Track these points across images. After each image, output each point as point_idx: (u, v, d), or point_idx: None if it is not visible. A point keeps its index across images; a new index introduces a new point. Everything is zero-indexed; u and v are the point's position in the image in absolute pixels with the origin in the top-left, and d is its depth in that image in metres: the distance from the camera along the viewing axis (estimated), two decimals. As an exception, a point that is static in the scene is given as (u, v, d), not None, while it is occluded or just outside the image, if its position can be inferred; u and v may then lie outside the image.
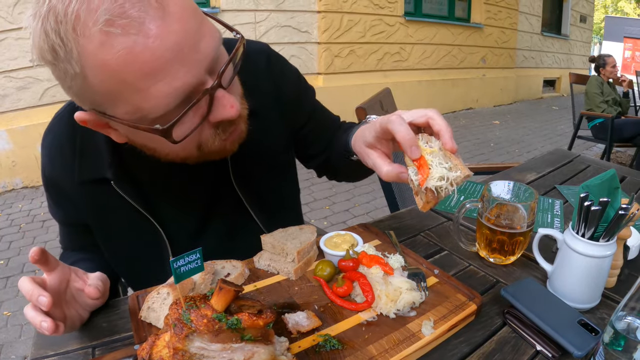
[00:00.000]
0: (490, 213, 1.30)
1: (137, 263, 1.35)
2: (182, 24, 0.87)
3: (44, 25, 0.83)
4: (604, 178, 1.19)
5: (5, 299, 3.64)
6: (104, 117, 0.95)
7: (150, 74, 0.85)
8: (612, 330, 0.85)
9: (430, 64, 10.50)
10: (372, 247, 1.25)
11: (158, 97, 0.88)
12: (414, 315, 1.05)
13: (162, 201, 1.33)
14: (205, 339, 0.78)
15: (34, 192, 5.95)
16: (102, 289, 1.06)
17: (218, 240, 1.38)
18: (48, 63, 0.89)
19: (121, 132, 1.03)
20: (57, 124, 1.29)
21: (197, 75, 0.91)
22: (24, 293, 0.95)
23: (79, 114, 0.99)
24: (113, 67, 0.83)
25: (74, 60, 0.84)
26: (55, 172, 1.28)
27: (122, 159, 1.24)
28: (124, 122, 0.93)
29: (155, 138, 0.97)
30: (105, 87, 0.87)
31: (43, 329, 0.90)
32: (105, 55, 0.82)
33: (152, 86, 0.87)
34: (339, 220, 4.94)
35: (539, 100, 14.01)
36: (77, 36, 0.81)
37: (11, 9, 5.57)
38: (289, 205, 1.61)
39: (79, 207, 1.29)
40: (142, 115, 0.91)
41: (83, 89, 0.89)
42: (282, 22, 7.94)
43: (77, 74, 0.86)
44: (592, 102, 6.66)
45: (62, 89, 0.95)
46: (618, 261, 1.22)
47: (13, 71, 5.79)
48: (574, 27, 15.46)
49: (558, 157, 2.38)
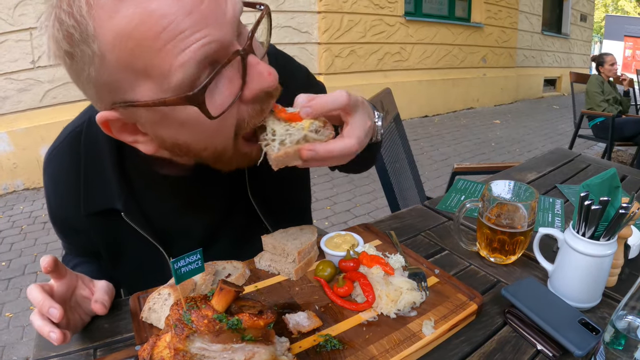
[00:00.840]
0: (491, 213, 1.30)
1: (139, 278, 1.32)
2: None
3: (57, 15, 0.80)
4: (605, 177, 1.19)
5: (7, 301, 3.65)
6: (128, 108, 0.88)
7: (167, 30, 0.78)
8: (612, 330, 0.85)
9: (431, 64, 10.50)
10: (373, 247, 1.25)
11: (182, 55, 0.80)
12: (415, 315, 1.05)
13: (171, 223, 1.29)
14: (206, 339, 0.78)
15: (35, 193, 5.96)
16: (108, 304, 1.05)
17: (226, 250, 1.35)
18: (65, 55, 0.83)
19: (149, 131, 0.95)
20: (57, 155, 1.23)
21: (223, 31, 0.84)
22: (32, 302, 0.95)
23: (100, 114, 0.91)
24: (127, 33, 0.77)
25: (91, 38, 0.79)
26: (61, 205, 1.25)
27: (132, 187, 1.21)
28: (150, 103, 0.85)
29: (187, 122, 0.89)
30: (124, 62, 0.80)
31: (51, 339, 0.90)
32: (119, 20, 0.77)
33: (171, 42, 0.79)
34: (340, 220, 4.95)
35: (539, 99, 14.01)
36: (90, 8, 0.77)
37: (12, 11, 5.58)
38: (302, 213, 1.60)
39: (87, 236, 1.26)
40: (168, 88, 0.83)
41: (102, 73, 0.83)
42: (282, 22, 7.95)
43: (95, 54, 0.80)
44: (593, 101, 6.66)
45: (80, 88, 0.91)
46: (619, 260, 1.22)
47: (14, 73, 5.80)
48: (574, 26, 15.47)
49: (559, 156, 2.38)
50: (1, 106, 5.83)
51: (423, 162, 6.98)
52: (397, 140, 2.81)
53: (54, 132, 1.26)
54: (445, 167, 6.81)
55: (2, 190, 5.95)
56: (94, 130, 1.14)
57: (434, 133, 9.02)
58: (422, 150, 7.66)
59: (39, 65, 5.93)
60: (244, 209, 1.35)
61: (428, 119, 10.27)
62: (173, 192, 1.24)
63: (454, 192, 1.89)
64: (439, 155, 7.50)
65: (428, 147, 7.93)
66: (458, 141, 8.44)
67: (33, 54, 5.86)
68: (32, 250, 4.46)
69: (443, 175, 6.39)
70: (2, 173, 5.90)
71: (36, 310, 0.95)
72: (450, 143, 8.29)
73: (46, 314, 0.92)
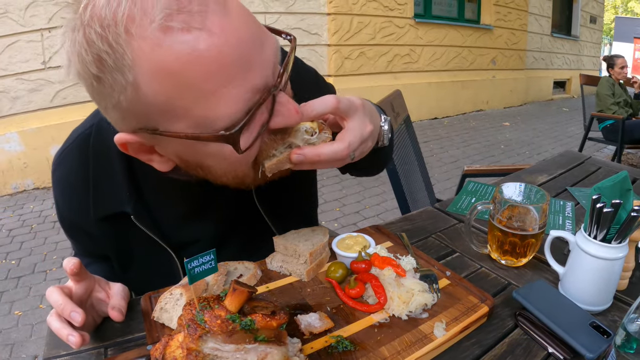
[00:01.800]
0: (502, 215, 1.30)
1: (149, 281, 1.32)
2: (245, 21, 0.82)
3: (87, 34, 0.76)
4: (616, 180, 1.19)
5: (16, 299, 3.67)
6: (155, 136, 0.86)
7: (217, 74, 0.77)
8: (624, 333, 0.85)
9: (440, 66, 10.49)
10: (384, 249, 1.25)
11: (227, 101, 0.80)
12: (426, 317, 1.05)
13: (180, 227, 1.29)
14: (218, 339, 0.78)
15: (45, 193, 5.99)
16: (125, 310, 1.05)
17: (234, 255, 1.33)
18: (93, 78, 0.79)
19: (170, 154, 0.95)
20: (66, 158, 1.22)
21: (264, 76, 0.84)
22: (53, 304, 0.95)
23: (120, 136, 0.89)
24: (173, 70, 0.75)
25: (127, 67, 0.76)
26: (70, 209, 1.24)
27: (141, 190, 1.20)
28: (183, 135, 0.84)
29: (215, 152, 0.89)
30: (164, 95, 0.78)
31: (70, 342, 0.90)
32: (164, 56, 0.74)
33: (220, 89, 0.78)
34: (349, 222, 4.94)
35: (549, 101, 13.95)
36: (130, 38, 0.74)
37: (23, 12, 5.62)
38: (308, 219, 1.60)
39: (96, 240, 1.26)
40: (207, 125, 0.82)
41: (134, 103, 0.80)
42: (292, 24, 7.95)
43: (129, 83, 0.77)
44: (603, 104, 6.63)
45: (101, 108, 0.88)
46: (630, 263, 1.21)
47: (25, 73, 5.84)
48: (584, 28, 15.40)
49: (569, 159, 2.37)
50: (12, 106, 5.87)
51: (432, 164, 6.97)
52: (407, 142, 2.80)
53: (64, 132, 1.26)
54: (454, 169, 6.80)
55: (12, 190, 5.98)
56: (104, 133, 1.14)
57: (444, 135, 9.01)
58: (432, 152, 7.64)
59: (49, 66, 5.96)
60: (251, 214, 1.35)
61: (437, 121, 10.25)
62: (182, 196, 1.24)
63: (465, 194, 1.89)
64: (448, 157, 7.48)
65: (437, 149, 7.91)
66: (467, 143, 8.42)
67: (44, 55, 5.89)
68: (41, 249, 4.48)
69: (452, 177, 6.38)
70: (12, 172, 5.94)
71: (54, 312, 0.96)
72: (459, 145, 8.27)
73: (67, 317, 0.93)
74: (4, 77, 5.74)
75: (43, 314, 3.45)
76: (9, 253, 4.45)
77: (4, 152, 5.82)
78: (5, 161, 5.86)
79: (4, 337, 3.22)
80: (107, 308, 1.05)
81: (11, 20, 5.59)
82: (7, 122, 5.87)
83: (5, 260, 4.30)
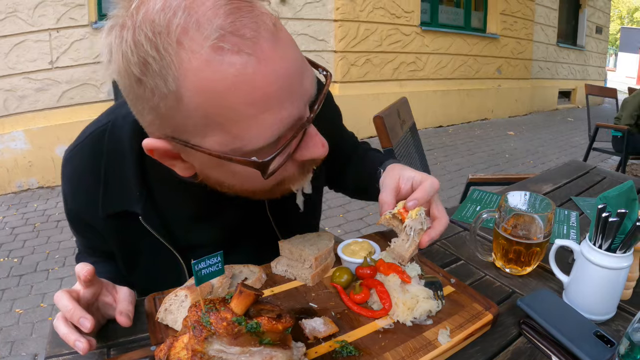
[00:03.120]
0: (507, 223, 1.30)
1: (154, 283, 1.33)
2: (291, 52, 0.84)
3: (136, 36, 0.77)
4: (622, 190, 1.19)
5: (18, 297, 3.68)
6: (185, 146, 0.87)
7: (259, 101, 0.79)
8: (628, 342, 0.85)
9: (446, 74, 10.49)
10: (390, 256, 1.25)
11: (263, 127, 0.82)
12: (431, 323, 1.05)
13: (188, 230, 1.29)
14: (224, 341, 0.79)
15: (49, 192, 6.00)
16: (132, 315, 1.05)
17: (240, 262, 1.34)
18: (132, 78, 0.81)
19: (196, 165, 0.96)
20: (78, 153, 1.21)
21: (301, 107, 0.86)
22: (61, 309, 0.96)
23: (149, 142, 0.90)
24: (218, 89, 0.77)
25: (171, 77, 0.77)
26: (78, 203, 1.23)
27: (151, 191, 1.20)
28: (213, 153, 0.85)
29: (242, 173, 0.92)
30: (203, 111, 0.80)
31: (77, 348, 0.90)
32: (211, 75, 0.76)
33: (259, 115, 0.80)
34: (353, 228, 4.94)
35: (554, 111, 13.94)
36: (181, 49, 0.75)
37: (31, 11, 5.65)
38: (313, 228, 1.61)
39: (103, 237, 1.25)
40: (238, 147, 0.84)
41: (172, 111, 0.82)
42: (298, 30, 7.96)
43: (171, 92, 0.79)
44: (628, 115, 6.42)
45: (135, 110, 0.89)
46: (634, 273, 1.21)
47: (32, 73, 5.86)
48: (589, 38, 15.39)
49: (574, 168, 2.37)
50: (19, 105, 5.88)
51: (437, 172, 6.97)
52: (413, 150, 2.81)
53: (70, 132, 1.27)
54: (459, 177, 6.79)
55: (16, 188, 6.00)
56: (118, 131, 1.15)
57: (448, 143, 9.00)
58: (436, 161, 7.64)
59: (57, 66, 5.98)
60: (260, 222, 1.35)
61: (442, 129, 10.25)
62: (192, 199, 1.24)
63: (469, 202, 1.89)
64: (453, 165, 7.48)
65: (442, 158, 7.91)
66: (472, 152, 8.42)
67: (51, 55, 5.91)
68: (44, 248, 4.49)
69: (457, 185, 6.38)
70: (17, 171, 5.96)
71: (60, 315, 0.96)
72: (464, 154, 8.26)
73: (76, 323, 0.93)
74: (12, 75, 5.75)
75: (44, 313, 3.46)
76: (11, 251, 4.46)
77: (9, 151, 5.84)
78: (10, 159, 5.88)
79: (5, 335, 3.23)
80: (113, 311, 1.05)
81: (20, 19, 5.61)
82: (13, 121, 5.88)
83: (7, 258, 4.31)
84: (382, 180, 1.24)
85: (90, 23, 6.09)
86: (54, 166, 6.04)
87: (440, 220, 1.16)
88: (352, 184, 1.65)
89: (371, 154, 1.59)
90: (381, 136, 2.29)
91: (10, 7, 5.52)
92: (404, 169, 1.24)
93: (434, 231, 1.14)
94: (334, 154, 1.49)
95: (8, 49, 5.65)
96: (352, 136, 1.69)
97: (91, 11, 6.09)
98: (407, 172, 1.21)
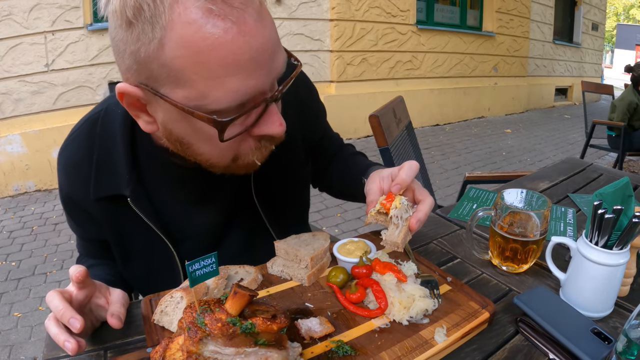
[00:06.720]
0: (504, 221, 1.30)
1: (150, 277, 1.34)
2: (270, 30, 0.91)
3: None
4: (618, 186, 1.19)
5: (16, 300, 3.67)
6: (154, 95, 0.92)
7: (230, 65, 0.86)
8: (625, 339, 0.85)
9: (442, 73, 10.49)
10: (385, 255, 1.25)
11: (228, 90, 0.88)
12: (427, 322, 1.05)
13: (178, 217, 1.31)
14: (219, 342, 0.78)
15: (46, 195, 6.00)
16: (124, 317, 1.05)
17: (232, 254, 1.36)
18: (124, 19, 0.85)
19: (159, 119, 1.01)
20: (74, 141, 1.26)
21: (267, 82, 0.93)
22: (53, 309, 0.96)
23: (122, 85, 0.95)
24: (198, 46, 0.83)
25: (159, 26, 0.83)
26: (72, 189, 1.26)
27: (142, 175, 1.23)
28: (178, 105, 0.90)
29: (198, 131, 0.97)
30: (179, 63, 0.86)
31: (66, 348, 0.90)
32: (195, 32, 0.82)
33: (227, 77, 0.87)
34: (350, 227, 4.93)
35: (550, 108, 13.95)
36: (175, 3, 0.82)
37: (27, 14, 5.64)
38: (300, 219, 1.64)
39: (97, 223, 1.27)
40: (202, 104, 0.90)
41: (152, 58, 0.87)
42: (294, 30, 7.97)
43: (155, 39, 0.84)
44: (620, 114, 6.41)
45: (117, 53, 0.93)
46: (631, 270, 1.21)
47: (27, 76, 5.86)
48: (585, 35, 15.41)
49: (570, 165, 2.37)
50: (15, 108, 5.88)
51: (434, 170, 6.97)
52: (409, 148, 2.81)
53: (67, 134, 1.28)
54: (456, 175, 6.80)
55: (13, 191, 5.99)
56: (111, 117, 1.20)
57: (445, 142, 9.01)
58: (433, 159, 7.64)
59: (52, 69, 5.97)
60: (248, 210, 1.37)
61: (439, 128, 10.25)
62: (181, 183, 1.27)
63: (466, 200, 1.89)
64: (450, 164, 7.48)
65: (439, 156, 7.91)
66: (469, 150, 8.42)
67: (47, 57, 5.91)
68: (42, 251, 4.49)
69: (454, 184, 6.38)
70: (14, 174, 5.95)
71: (51, 316, 0.96)
72: (461, 152, 8.27)
73: (66, 323, 0.93)
74: (7, 79, 5.75)
75: (42, 316, 3.45)
76: (9, 254, 4.45)
77: (6, 154, 5.83)
78: (7, 163, 5.87)
79: (3, 339, 3.22)
80: (106, 314, 1.05)
81: (15, 22, 5.60)
82: (9, 124, 5.88)
83: (5, 262, 4.30)
84: (366, 188, 1.28)
85: (85, 25, 6.09)
86: (50, 169, 6.03)
87: (424, 201, 1.18)
88: (335, 186, 1.68)
89: (356, 159, 1.62)
90: (377, 135, 2.29)
91: (5, 10, 5.52)
92: (383, 170, 1.28)
93: (420, 212, 1.16)
94: (318, 150, 1.52)
95: (3, 52, 5.64)
96: (337, 136, 1.72)
97: (86, 13, 6.09)
98: (385, 171, 1.25)
